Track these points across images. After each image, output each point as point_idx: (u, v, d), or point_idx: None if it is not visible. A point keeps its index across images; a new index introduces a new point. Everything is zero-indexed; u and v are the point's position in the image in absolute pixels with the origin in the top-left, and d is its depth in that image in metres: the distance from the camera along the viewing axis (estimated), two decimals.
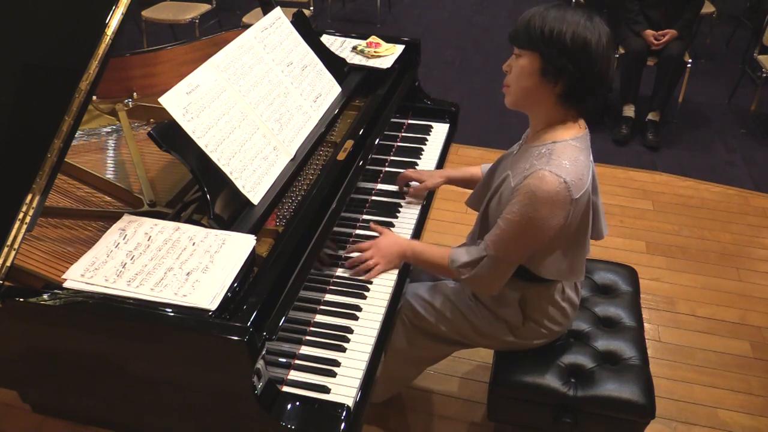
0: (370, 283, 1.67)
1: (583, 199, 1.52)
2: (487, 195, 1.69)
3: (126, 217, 1.48)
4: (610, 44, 1.46)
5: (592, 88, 1.48)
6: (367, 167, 1.87)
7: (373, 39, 2.31)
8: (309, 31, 2.06)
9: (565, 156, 1.48)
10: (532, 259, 1.61)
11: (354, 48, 2.28)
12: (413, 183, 2.03)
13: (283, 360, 1.42)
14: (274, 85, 1.78)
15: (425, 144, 2.28)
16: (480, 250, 1.60)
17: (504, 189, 1.59)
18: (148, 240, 1.41)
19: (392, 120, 2.17)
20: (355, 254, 1.72)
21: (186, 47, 2.21)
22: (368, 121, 1.95)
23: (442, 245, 1.73)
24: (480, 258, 1.59)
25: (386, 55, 2.25)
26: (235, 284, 1.32)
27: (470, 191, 1.91)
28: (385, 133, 2.07)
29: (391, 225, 1.89)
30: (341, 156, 1.77)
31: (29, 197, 1.33)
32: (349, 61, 2.19)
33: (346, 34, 2.39)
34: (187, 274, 1.32)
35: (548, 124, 1.55)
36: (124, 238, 1.41)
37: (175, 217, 1.56)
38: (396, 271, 1.71)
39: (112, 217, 1.54)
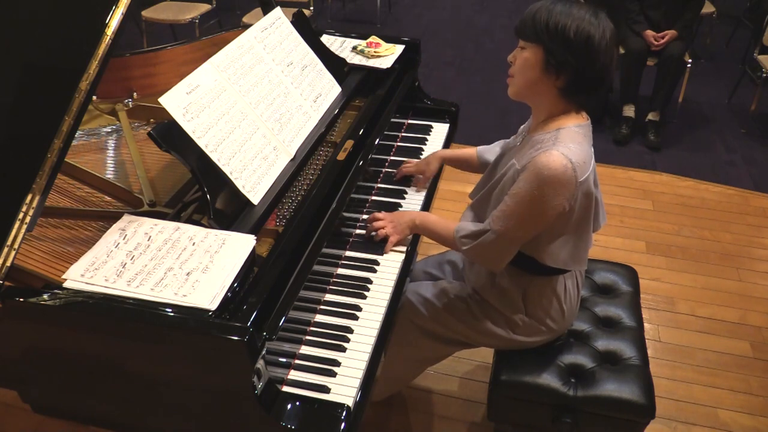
0: (371, 282, 1.67)
1: (586, 184, 1.54)
2: (488, 185, 1.70)
3: (126, 217, 1.48)
4: (613, 41, 1.48)
5: (593, 83, 1.51)
6: (367, 167, 1.87)
7: (373, 39, 2.31)
8: (309, 31, 2.06)
9: (570, 140, 1.51)
10: (537, 247, 1.62)
11: (354, 48, 2.28)
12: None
13: (283, 360, 1.42)
14: (274, 85, 1.78)
15: (425, 144, 2.28)
16: (484, 224, 1.62)
17: (508, 176, 1.61)
18: (148, 240, 1.41)
19: (392, 120, 2.17)
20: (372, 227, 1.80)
21: (186, 47, 2.21)
22: (368, 121, 1.95)
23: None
24: (483, 231, 1.61)
25: (386, 55, 2.25)
26: (235, 284, 1.32)
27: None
28: (385, 133, 2.07)
29: None
30: (341, 156, 1.77)
31: (29, 197, 1.33)
32: (349, 61, 2.19)
33: (346, 34, 2.39)
34: (187, 274, 1.32)
35: (550, 115, 1.58)
36: (124, 238, 1.41)
37: (175, 217, 1.56)
38: (396, 271, 1.71)
39: (112, 217, 1.54)
